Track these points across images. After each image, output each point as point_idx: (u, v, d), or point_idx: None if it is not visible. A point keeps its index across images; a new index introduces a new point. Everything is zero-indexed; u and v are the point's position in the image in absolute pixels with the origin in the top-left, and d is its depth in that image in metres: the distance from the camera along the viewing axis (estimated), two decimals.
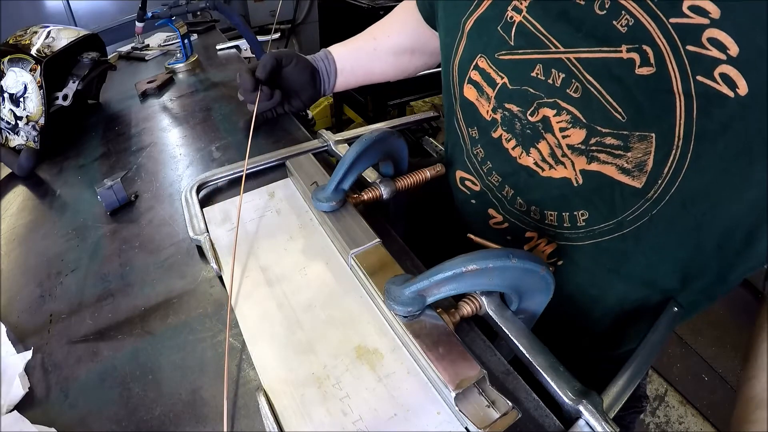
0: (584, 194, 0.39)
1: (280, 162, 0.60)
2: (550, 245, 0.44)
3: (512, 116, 0.41)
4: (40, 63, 0.71)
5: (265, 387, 0.36)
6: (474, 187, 0.50)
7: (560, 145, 0.38)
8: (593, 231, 0.40)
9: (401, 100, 1.73)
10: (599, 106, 0.35)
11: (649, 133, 0.33)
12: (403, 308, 0.36)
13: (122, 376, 0.39)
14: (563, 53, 0.36)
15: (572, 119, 0.37)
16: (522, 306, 0.39)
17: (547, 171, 0.40)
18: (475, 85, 0.45)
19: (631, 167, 0.35)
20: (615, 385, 0.37)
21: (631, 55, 0.32)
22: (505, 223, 0.48)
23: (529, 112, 0.39)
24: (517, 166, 0.43)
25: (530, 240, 0.45)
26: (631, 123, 0.34)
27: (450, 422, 0.33)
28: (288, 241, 0.49)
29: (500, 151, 0.44)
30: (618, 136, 0.35)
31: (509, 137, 0.42)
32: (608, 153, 0.36)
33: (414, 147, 0.92)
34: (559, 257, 0.44)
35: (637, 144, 0.34)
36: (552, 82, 0.37)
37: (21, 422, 0.36)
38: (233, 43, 1.16)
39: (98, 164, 0.72)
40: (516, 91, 0.40)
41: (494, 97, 0.43)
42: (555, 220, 0.42)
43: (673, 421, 1.23)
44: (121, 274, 0.49)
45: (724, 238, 0.35)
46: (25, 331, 0.45)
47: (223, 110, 0.83)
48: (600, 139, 0.36)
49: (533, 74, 0.38)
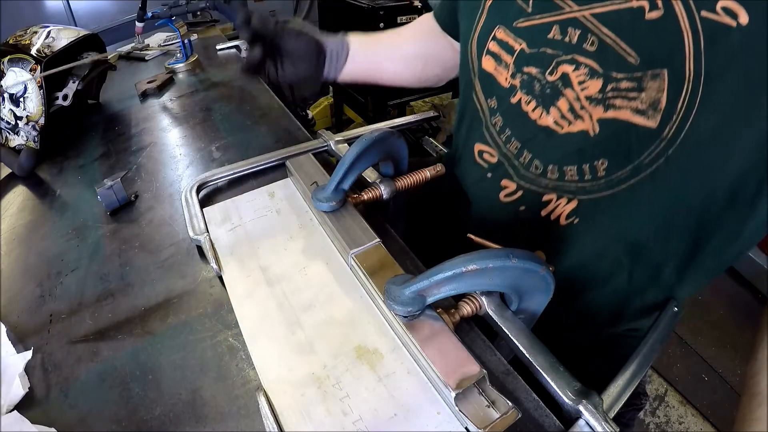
0: (601, 143, 0.41)
1: (280, 162, 0.60)
2: (570, 203, 0.45)
3: (531, 78, 0.43)
4: (40, 63, 0.71)
5: (265, 387, 0.36)
6: (491, 159, 0.51)
7: (579, 99, 0.40)
8: (612, 180, 0.41)
9: (401, 100, 1.73)
10: (614, 54, 0.37)
11: (662, 70, 0.35)
12: (403, 308, 0.36)
13: (122, 376, 0.39)
14: (578, 11, 0.39)
15: (589, 71, 0.39)
16: (522, 306, 0.39)
17: (566, 128, 0.42)
18: (493, 55, 0.47)
19: (646, 107, 0.37)
20: (615, 385, 0.37)
21: (640, 3, 0.35)
22: (519, 192, 0.49)
23: (548, 71, 0.42)
24: (536, 129, 0.44)
25: (547, 204, 0.46)
26: (644, 64, 0.36)
27: (450, 422, 0.33)
28: (288, 241, 0.49)
29: (519, 115, 0.46)
30: (632, 79, 0.37)
31: (529, 99, 0.44)
32: (623, 97, 0.38)
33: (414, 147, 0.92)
34: (577, 215, 0.45)
35: (650, 83, 0.36)
36: (569, 40, 0.40)
37: (21, 422, 0.36)
38: (233, 43, 1.16)
39: (98, 164, 0.72)
40: (534, 54, 0.42)
41: (513, 63, 0.45)
42: (575, 174, 0.43)
43: (673, 421, 1.23)
44: (121, 274, 0.49)
45: (737, 184, 0.36)
46: (25, 331, 0.45)
47: (223, 110, 0.83)
48: (615, 85, 0.38)
49: (550, 36, 0.41)
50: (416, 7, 1.55)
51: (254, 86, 0.92)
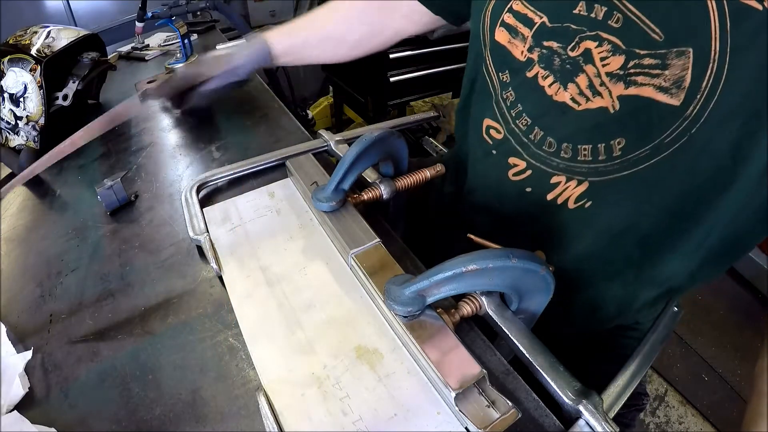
0: (621, 120, 0.40)
1: (280, 162, 0.60)
2: (580, 186, 0.44)
3: (551, 53, 0.43)
4: (40, 63, 0.71)
5: (265, 387, 0.36)
6: (497, 136, 0.50)
7: (599, 74, 0.40)
8: (628, 160, 0.41)
9: (401, 100, 1.73)
10: (638, 30, 0.37)
11: (687, 48, 0.35)
12: (403, 308, 0.36)
13: (122, 376, 0.39)
14: None
15: (612, 48, 0.39)
16: (522, 306, 0.39)
17: (584, 104, 0.42)
18: (507, 27, 0.46)
19: (669, 85, 0.36)
20: (615, 385, 0.37)
21: None
22: (528, 171, 0.48)
23: (570, 47, 0.41)
24: (551, 104, 0.44)
25: (556, 186, 0.46)
26: (670, 41, 0.36)
27: (450, 422, 0.33)
28: (288, 241, 0.49)
29: (535, 90, 0.45)
30: (656, 56, 0.37)
31: (546, 74, 0.44)
32: (646, 74, 0.37)
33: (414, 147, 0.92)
34: (588, 198, 0.45)
35: (675, 60, 0.36)
36: (594, 16, 0.39)
37: (21, 422, 0.36)
38: (233, 43, 1.16)
39: (98, 164, 0.72)
40: (556, 28, 0.42)
41: (531, 37, 0.44)
42: (589, 154, 0.43)
43: (673, 421, 1.23)
44: (121, 274, 0.49)
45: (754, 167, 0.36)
46: (25, 331, 0.45)
47: (223, 110, 0.83)
48: (638, 62, 0.38)
49: (576, 11, 0.40)
50: None
51: (254, 86, 0.92)
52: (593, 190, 0.44)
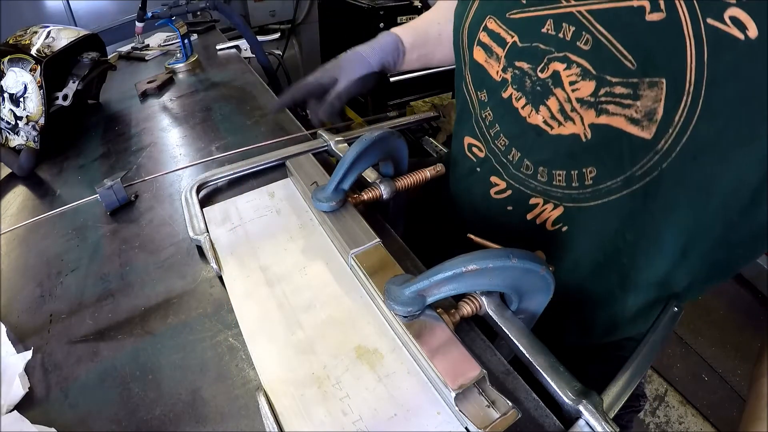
0: (592, 149, 0.39)
1: (280, 162, 0.60)
2: (556, 209, 0.43)
3: (523, 74, 0.42)
4: (40, 63, 0.71)
5: (265, 387, 0.36)
6: (479, 154, 0.50)
7: (569, 100, 0.39)
8: (600, 189, 0.39)
9: (401, 100, 1.73)
10: (609, 55, 0.35)
11: (660, 79, 0.33)
12: (403, 308, 0.36)
13: (122, 376, 0.39)
14: (574, 6, 0.37)
15: (582, 72, 0.37)
16: (522, 306, 0.39)
17: (557, 128, 0.40)
18: (483, 47, 0.45)
19: (641, 117, 0.35)
20: (615, 385, 0.37)
21: (641, 2, 0.33)
22: (508, 191, 0.48)
23: (539, 68, 0.40)
24: (526, 126, 0.43)
25: (534, 207, 0.45)
26: (641, 70, 0.34)
27: (450, 422, 0.33)
28: (288, 241, 0.49)
29: (510, 111, 0.44)
30: (627, 85, 0.35)
31: (519, 96, 0.43)
32: (617, 104, 0.36)
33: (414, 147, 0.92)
34: (564, 222, 0.44)
35: (647, 91, 0.34)
36: (562, 36, 0.38)
37: (21, 422, 0.36)
38: (233, 43, 1.16)
39: (98, 164, 0.72)
40: (526, 48, 0.41)
41: (504, 57, 0.43)
42: (563, 180, 0.42)
43: (673, 421, 1.23)
44: (121, 274, 0.49)
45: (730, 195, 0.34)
46: (25, 331, 0.45)
47: (223, 110, 0.83)
48: (609, 89, 0.36)
49: (544, 30, 0.39)
50: (416, 7, 1.55)
51: (254, 86, 0.93)
52: (568, 216, 0.43)
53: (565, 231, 0.44)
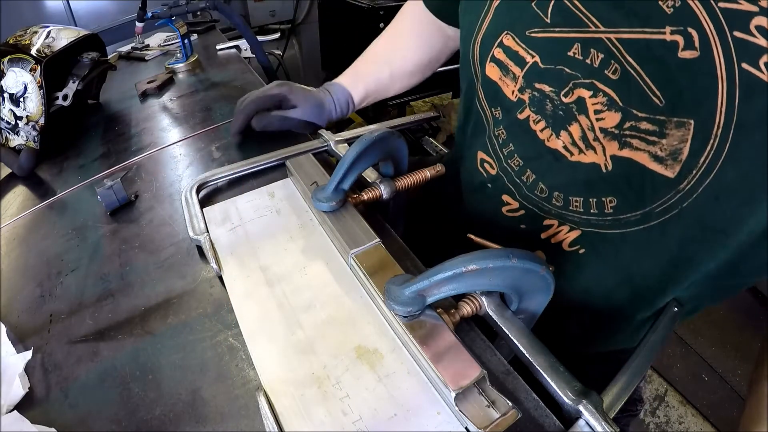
0: (613, 181, 0.38)
1: (280, 162, 0.60)
2: (573, 232, 0.43)
3: (543, 96, 0.40)
4: (40, 63, 0.71)
5: (265, 387, 0.36)
6: (491, 171, 0.49)
7: (593, 128, 0.37)
8: (620, 220, 0.39)
9: (401, 100, 1.73)
10: (637, 88, 0.34)
11: (688, 120, 0.32)
12: (403, 308, 0.36)
13: (122, 376, 0.39)
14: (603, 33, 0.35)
15: (608, 101, 0.36)
16: (522, 306, 0.38)
17: (576, 155, 0.39)
18: (498, 63, 0.43)
19: (665, 155, 0.34)
20: (615, 385, 0.37)
21: (675, 37, 0.32)
22: (521, 210, 0.47)
23: (563, 92, 0.38)
24: (544, 150, 0.42)
25: (548, 228, 0.45)
26: (670, 108, 0.33)
27: (450, 422, 0.33)
28: (288, 241, 0.49)
29: (527, 132, 0.43)
30: (654, 122, 0.34)
31: (538, 119, 0.41)
32: (642, 139, 0.35)
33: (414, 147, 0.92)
34: (582, 245, 0.43)
35: (674, 131, 0.33)
36: (590, 62, 0.36)
37: (21, 422, 0.36)
38: (233, 43, 1.16)
39: (98, 164, 0.72)
40: (549, 70, 0.39)
41: (522, 77, 0.41)
42: (581, 206, 0.41)
43: (673, 421, 1.23)
44: (121, 274, 0.49)
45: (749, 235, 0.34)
46: (25, 331, 0.45)
47: (223, 110, 0.83)
48: (635, 124, 0.35)
49: (570, 53, 0.37)
50: None
51: (254, 86, 0.93)
52: (586, 239, 0.43)
53: (582, 253, 0.44)
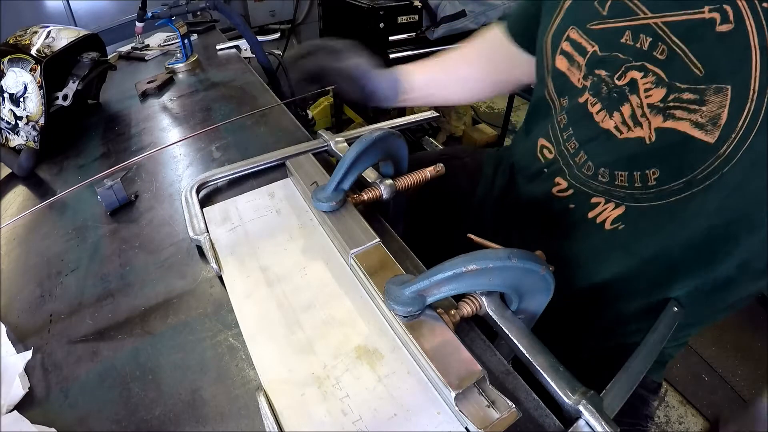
0: (656, 152, 0.41)
1: (280, 162, 0.60)
2: (618, 209, 0.45)
3: (600, 81, 0.44)
4: (40, 63, 0.71)
5: (265, 387, 0.36)
6: (549, 156, 0.52)
7: (641, 105, 0.40)
8: (663, 191, 0.41)
9: None
10: (681, 64, 0.37)
11: (725, 86, 0.35)
12: (403, 308, 0.36)
13: (122, 376, 0.39)
14: (651, 19, 0.39)
15: (656, 80, 0.39)
16: (522, 306, 0.39)
17: (625, 133, 0.43)
18: (566, 55, 0.47)
19: (706, 121, 0.36)
20: (615, 385, 0.37)
21: (712, 14, 0.35)
22: (570, 190, 0.50)
23: (617, 75, 0.42)
24: (599, 130, 0.45)
25: (596, 206, 0.47)
26: (710, 77, 0.35)
27: (450, 422, 0.33)
28: (288, 241, 0.49)
29: (585, 116, 0.46)
30: (695, 91, 0.36)
31: (595, 101, 0.45)
32: (684, 108, 0.38)
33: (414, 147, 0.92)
34: (623, 222, 0.45)
35: (712, 97, 0.35)
36: (640, 46, 0.40)
37: (21, 422, 0.36)
38: (233, 43, 1.16)
39: (98, 164, 0.72)
40: (606, 57, 0.43)
41: (585, 65, 0.45)
42: (625, 180, 0.43)
43: (673, 421, 1.23)
44: (121, 274, 0.49)
45: None
46: (25, 331, 0.45)
47: (223, 110, 0.83)
48: (678, 95, 0.38)
49: (622, 40, 0.41)
50: (416, 7, 1.55)
51: (254, 86, 0.93)
52: (628, 215, 0.45)
53: (621, 230, 0.46)
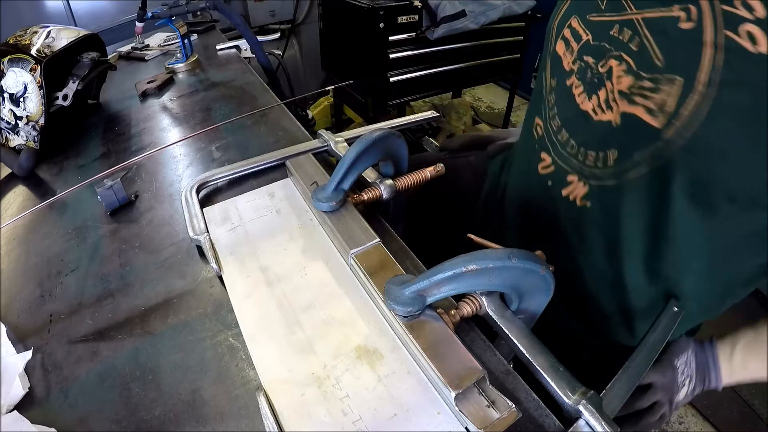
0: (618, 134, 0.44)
1: (280, 162, 0.60)
2: (585, 187, 0.49)
3: (586, 66, 0.48)
4: (40, 63, 0.71)
5: (265, 387, 0.36)
6: (540, 132, 0.56)
7: (613, 91, 0.44)
8: (617, 171, 0.45)
9: (401, 100, 1.73)
10: (648, 55, 0.40)
11: (678, 77, 0.38)
12: (403, 308, 0.36)
13: (122, 376, 0.39)
14: (634, 14, 0.42)
15: (627, 68, 0.43)
16: (522, 306, 0.39)
17: (599, 115, 0.46)
18: (565, 41, 0.52)
19: (656, 108, 0.39)
20: (615, 385, 0.37)
21: (679, 13, 0.38)
22: (552, 167, 0.53)
23: (600, 63, 0.45)
24: (578, 111, 0.49)
25: (570, 184, 0.51)
26: (666, 68, 0.39)
27: (450, 422, 0.33)
28: (288, 241, 0.49)
29: (569, 97, 0.50)
30: (653, 80, 0.40)
31: (579, 84, 0.49)
32: (642, 95, 0.41)
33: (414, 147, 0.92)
34: (589, 199, 0.49)
35: (665, 86, 0.38)
36: (622, 38, 0.43)
37: (21, 422, 0.36)
38: (233, 43, 1.16)
39: (98, 164, 0.72)
40: (595, 46, 0.47)
41: (577, 51, 0.49)
42: (593, 160, 0.47)
43: (673, 421, 1.23)
44: (121, 274, 0.49)
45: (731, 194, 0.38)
46: (25, 331, 0.45)
47: (223, 110, 0.83)
48: (640, 83, 0.41)
49: (612, 32, 0.44)
50: (416, 7, 1.55)
51: (254, 86, 0.93)
52: (593, 193, 0.48)
53: (589, 207, 0.49)
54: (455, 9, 1.57)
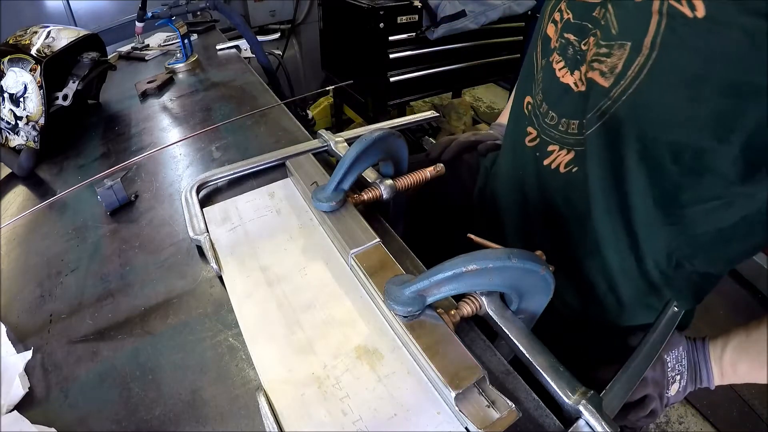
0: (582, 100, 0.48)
1: (280, 162, 0.60)
2: (569, 154, 0.52)
3: (567, 43, 0.51)
4: (40, 63, 0.71)
5: (265, 387, 0.36)
6: (529, 108, 0.59)
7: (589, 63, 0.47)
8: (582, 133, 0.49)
9: (401, 100, 1.73)
10: (609, 27, 0.44)
11: (626, 42, 0.42)
12: (403, 308, 0.36)
13: (122, 376, 0.39)
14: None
15: (595, 41, 0.46)
16: (522, 306, 0.39)
17: (580, 87, 0.49)
18: (554, 23, 0.55)
19: (607, 70, 0.44)
20: (615, 385, 0.37)
21: None
22: (537, 139, 0.56)
23: (583, 42, 0.49)
24: (558, 84, 0.52)
25: (551, 153, 0.54)
26: (618, 35, 0.43)
27: (450, 422, 0.33)
28: (288, 241, 0.49)
29: (550, 71, 0.53)
30: (608, 46, 0.44)
31: (559, 59, 0.52)
32: (598, 61, 0.45)
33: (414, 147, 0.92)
34: (575, 164, 0.51)
35: (616, 51, 0.43)
36: (599, 17, 0.46)
37: (21, 422, 0.36)
38: (233, 43, 1.16)
39: (98, 164, 0.72)
40: (576, 24, 0.50)
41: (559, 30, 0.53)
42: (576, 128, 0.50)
43: (673, 421, 1.23)
44: (121, 274, 0.49)
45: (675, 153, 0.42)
46: (25, 331, 0.45)
47: (223, 110, 0.83)
48: (599, 50, 0.45)
49: (594, 13, 0.47)
50: (416, 7, 1.55)
51: (254, 86, 0.93)
52: (578, 158, 0.51)
53: (575, 172, 0.51)
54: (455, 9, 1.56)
